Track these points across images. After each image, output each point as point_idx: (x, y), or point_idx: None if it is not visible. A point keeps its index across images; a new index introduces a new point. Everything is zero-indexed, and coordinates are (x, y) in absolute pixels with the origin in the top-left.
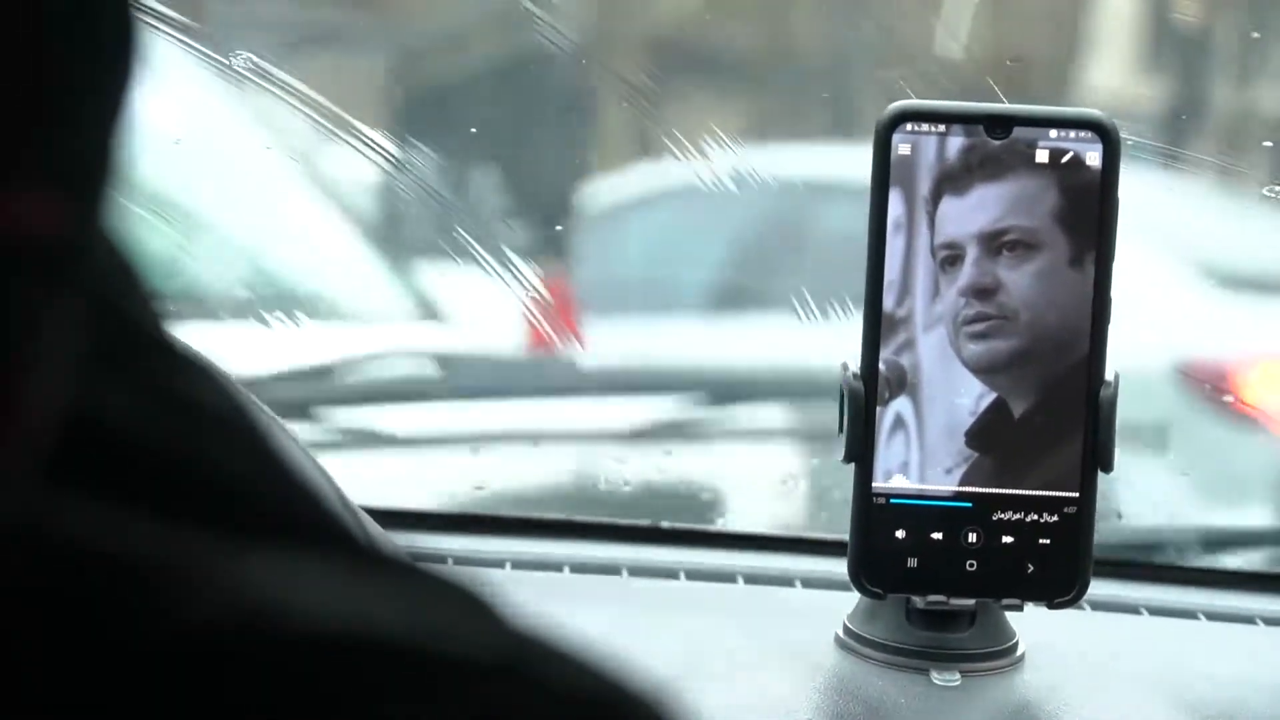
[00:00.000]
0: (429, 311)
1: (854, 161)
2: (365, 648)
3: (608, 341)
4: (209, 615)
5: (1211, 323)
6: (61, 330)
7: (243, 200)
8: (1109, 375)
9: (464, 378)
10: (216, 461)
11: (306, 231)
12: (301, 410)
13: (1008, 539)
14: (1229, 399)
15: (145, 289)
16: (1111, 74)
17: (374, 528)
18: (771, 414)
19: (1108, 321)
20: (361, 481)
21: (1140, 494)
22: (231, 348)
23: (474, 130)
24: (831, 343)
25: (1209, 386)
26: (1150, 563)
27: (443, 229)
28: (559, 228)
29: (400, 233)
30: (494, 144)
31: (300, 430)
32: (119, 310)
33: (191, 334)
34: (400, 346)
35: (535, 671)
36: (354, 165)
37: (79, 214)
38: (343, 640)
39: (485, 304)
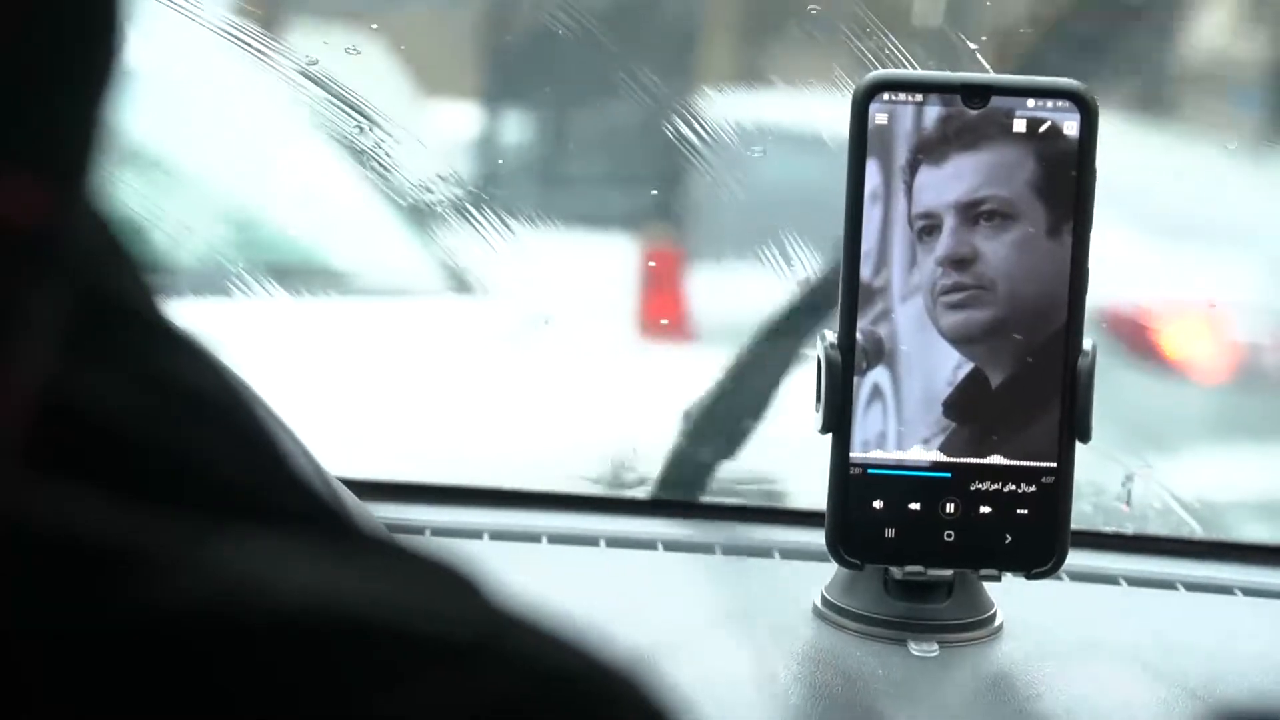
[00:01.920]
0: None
1: None
2: (344, 627)
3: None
4: (185, 596)
5: (1136, 270)
6: (44, 315)
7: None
8: (1086, 345)
9: None
10: (198, 443)
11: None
12: None
13: (985, 509)
14: (1150, 347)
15: (135, 268)
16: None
17: (356, 506)
18: None
19: (1085, 291)
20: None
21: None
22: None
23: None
24: None
25: (1131, 335)
26: (1129, 533)
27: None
28: (659, 191)
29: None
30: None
31: None
32: (105, 292)
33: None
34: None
35: (516, 649)
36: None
37: (63, 198)
38: (321, 619)
39: (589, 274)
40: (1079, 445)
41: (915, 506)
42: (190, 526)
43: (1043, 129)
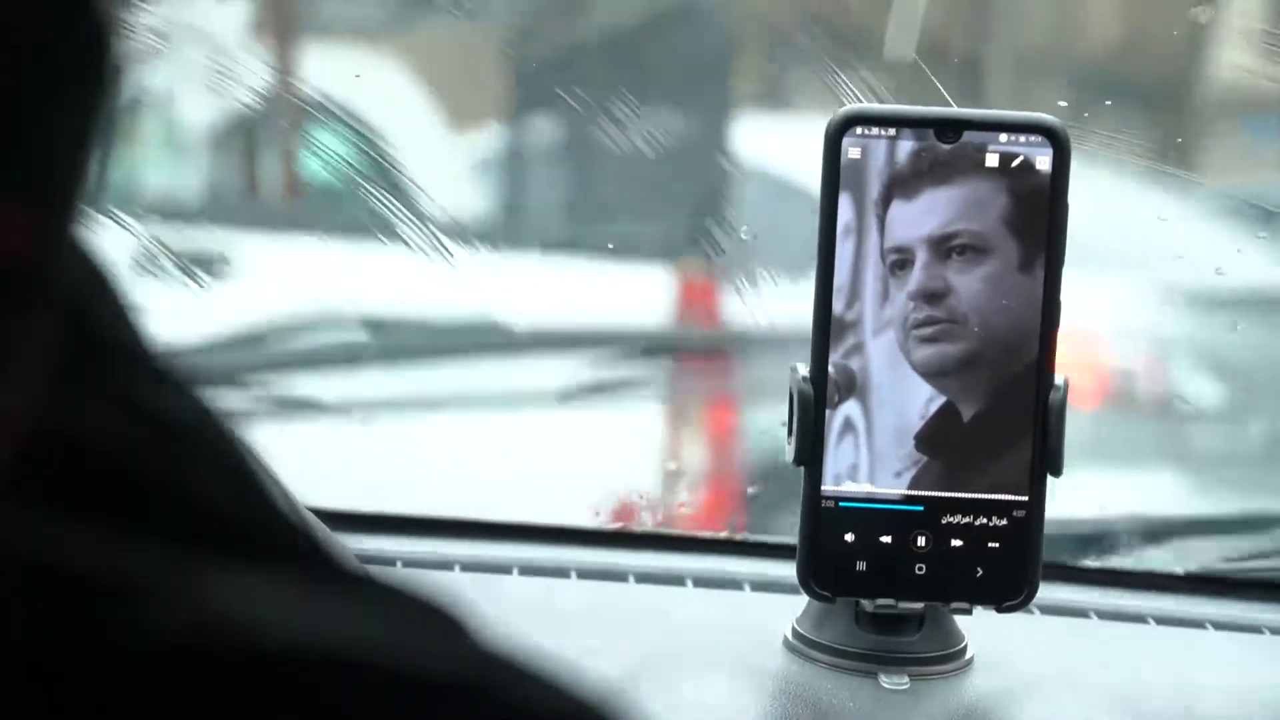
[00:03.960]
0: None
1: None
2: (330, 664)
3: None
4: (169, 630)
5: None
6: (29, 346)
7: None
8: (1058, 380)
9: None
10: (185, 476)
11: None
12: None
13: (957, 542)
14: None
15: (120, 301)
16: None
17: (340, 545)
18: None
19: (1057, 326)
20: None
21: None
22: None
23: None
24: None
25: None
26: (1100, 567)
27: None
28: (696, 218)
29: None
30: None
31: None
32: (90, 323)
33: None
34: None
35: (502, 691)
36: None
37: (47, 230)
38: (307, 657)
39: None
40: (1050, 479)
41: (887, 539)
42: (175, 560)
43: (1015, 163)
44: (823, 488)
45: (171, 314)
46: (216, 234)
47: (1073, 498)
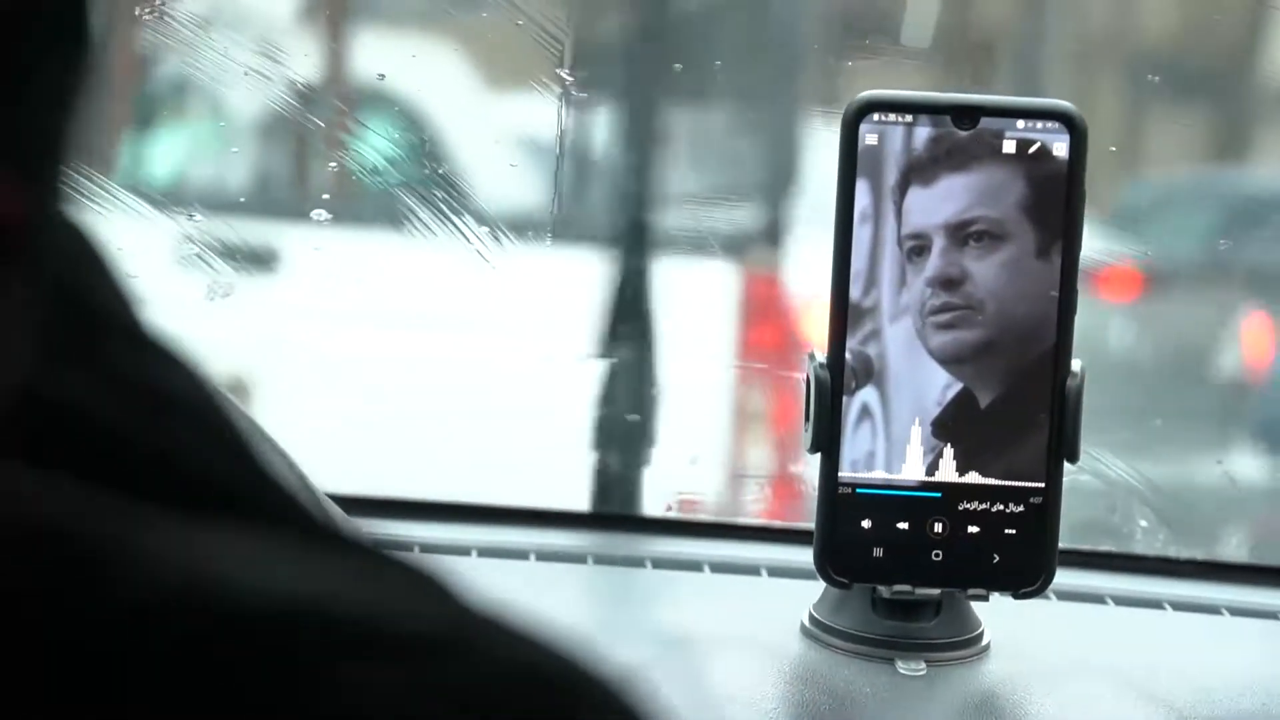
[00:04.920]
0: None
1: None
2: (312, 621)
3: None
4: (153, 588)
5: None
6: (18, 316)
7: None
8: (1075, 366)
9: None
10: (170, 439)
11: None
12: None
13: (973, 529)
14: None
15: (110, 271)
16: None
17: (333, 509)
18: None
19: (1074, 312)
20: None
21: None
22: None
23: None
24: None
25: None
26: (1116, 553)
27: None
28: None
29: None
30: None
31: None
32: (79, 292)
33: None
34: None
35: (484, 646)
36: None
37: (32, 197)
38: (288, 613)
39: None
40: (1067, 465)
41: (903, 526)
42: (161, 519)
43: (1032, 150)
44: (840, 474)
45: (212, 309)
46: (264, 227)
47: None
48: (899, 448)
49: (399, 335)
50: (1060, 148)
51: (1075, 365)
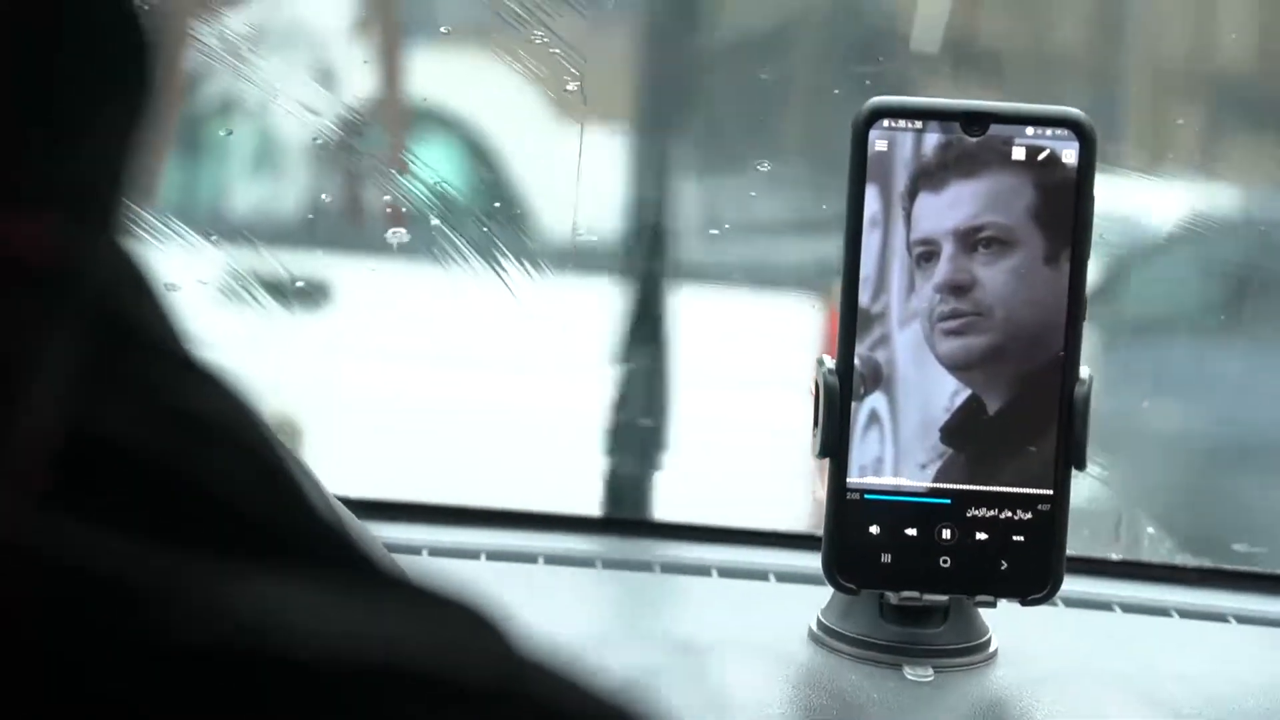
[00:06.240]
0: None
1: None
2: (366, 671)
3: None
4: (207, 637)
5: None
6: (60, 352)
7: None
8: (1083, 373)
9: None
10: (221, 479)
11: None
12: None
13: (981, 535)
14: None
15: (156, 300)
16: None
17: (378, 545)
18: None
19: (1083, 319)
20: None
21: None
22: None
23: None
24: None
25: None
26: (1124, 560)
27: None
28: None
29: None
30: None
31: None
32: (125, 326)
33: None
34: None
35: (537, 695)
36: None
37: (80, 236)
38: (343, 663)
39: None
40: (1075, 472)
41: (912, 532)
42: (220, 565)
43: (1041, 157)
44: (848, 480)
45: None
46: (313, 258)
47: None
48: (907, 453)
49: (414, 339)
50: (1070, 155)
51: (1084, 372)
